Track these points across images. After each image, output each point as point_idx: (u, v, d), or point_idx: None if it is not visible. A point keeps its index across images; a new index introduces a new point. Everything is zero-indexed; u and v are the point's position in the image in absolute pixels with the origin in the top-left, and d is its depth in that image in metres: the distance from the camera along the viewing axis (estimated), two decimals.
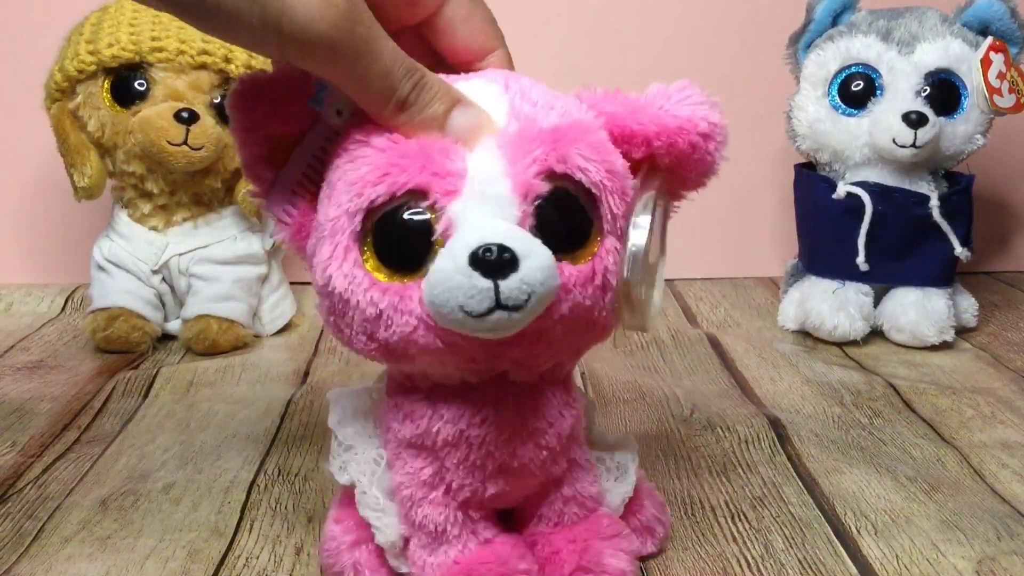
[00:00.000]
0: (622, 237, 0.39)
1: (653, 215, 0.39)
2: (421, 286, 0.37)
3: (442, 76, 0.40)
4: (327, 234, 0.39)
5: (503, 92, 0.40)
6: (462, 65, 0.44)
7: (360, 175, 0.38)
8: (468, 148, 0.38)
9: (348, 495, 0.46)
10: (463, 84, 0.40)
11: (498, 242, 0.35)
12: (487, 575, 0.42)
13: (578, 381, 0.74)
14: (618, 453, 0.48)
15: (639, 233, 0.39)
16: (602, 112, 0.41)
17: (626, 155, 0.41)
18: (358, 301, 0.38)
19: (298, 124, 0.40)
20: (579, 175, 0.38)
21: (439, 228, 0.37)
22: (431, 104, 0.38)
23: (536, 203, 0.37)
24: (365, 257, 0.38)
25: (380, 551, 0.45)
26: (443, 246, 0.37)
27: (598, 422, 0.50)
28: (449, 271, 0.36)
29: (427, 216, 0.37)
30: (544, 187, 0.37)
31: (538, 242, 0.37)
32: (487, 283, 0.35)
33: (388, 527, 0.44)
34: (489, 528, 0.44)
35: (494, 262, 0.35)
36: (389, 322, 0.38)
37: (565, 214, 0.38)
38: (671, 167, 0.41)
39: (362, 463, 0.44)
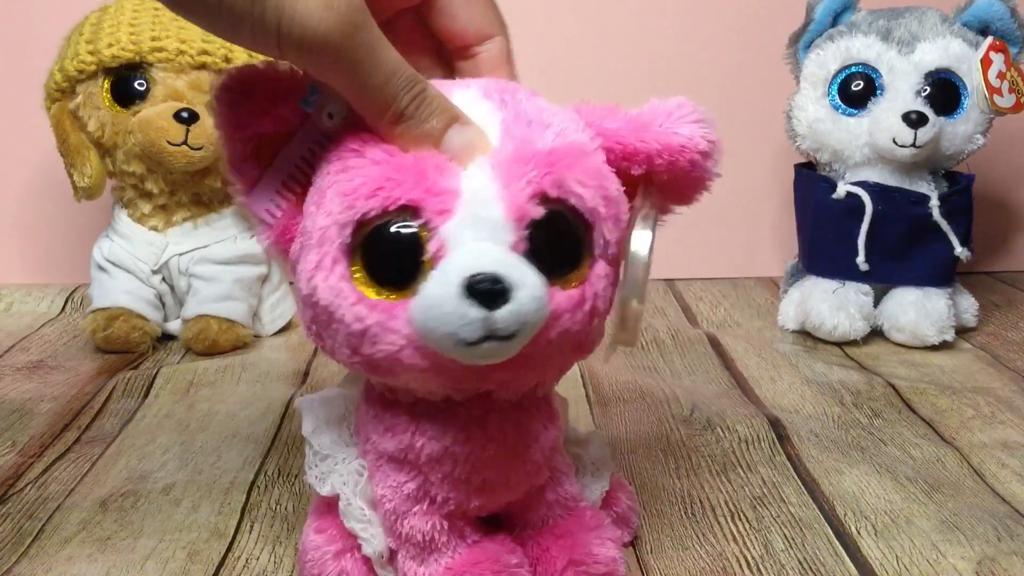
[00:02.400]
0: (614, 260, 0.39)
1: (653, 232, 0.39)
2: (409, 306, 0.36)
3: (437, 82, 0.40)
4: (314, 243, 0.38)
5: (496, 110, 0.39)
6: (460, 49, 0.44)
7: (353, 187, 0.37)
8: (461, 166, 0.38)
9: (325, 504, 0.45)
10: (456, 96, 0.40)
11: (492, 271, 0.35)
12: (482, 574, 0.42)
13: (578, 380, 0.74)
14: (592, 448, 0.49)
15: (641, 250, 0.39)
16: (602, 129, 0.40)
17: (625, 172, 0.40)
18: (343, 315, 0.37)
19: (287, 123, 0.40)
20: (574, 200, 0.38)
21: (431, 248, 0.36)
22: (429, 119, 0.38)
23: (529, 228, 0.37)
24: (354, 270, 0.37)
25: (366, 559, 0.45)
26: (434, 267, 0.36)
27: (569, 419, 0.50)
28: (442, 297, 0.35)
29: (418, 233, 0.37)
30: (538, 211, 0.37)
31: (531, 270, 0.36)
32: (480, 313, 0.35)
33: (375, 537, 0.44)
34: (475, 531, 0.44)
35: (487, 292, 0.35)
36: (375, 339, 0.37)
37: (558, 238, 0.38)
38: (667, 183, 0.41)
39: (344, 474, 0.44)
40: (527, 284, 0.35)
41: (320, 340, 0.40)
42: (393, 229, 0.37)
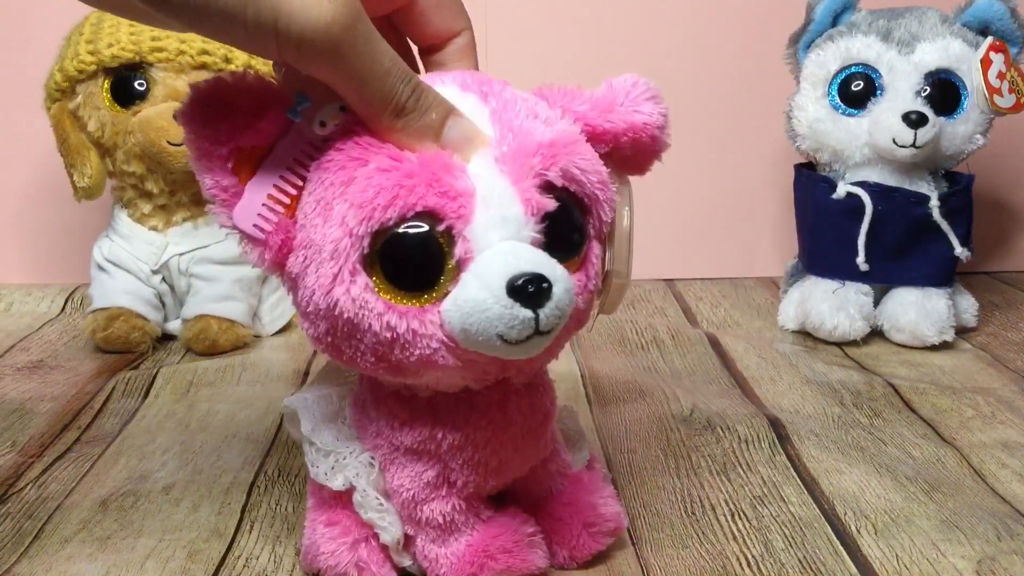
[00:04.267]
0: (603, 238, 0.42)
1: (630, 206, 0.42)
2: (440, 309, 0.37)
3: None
4: (327, 256, 0.37)
5: (481, 102, 0.40)
6: (430, 49, 0.44)
7: (368, 197, 0.36)
8: (464, 160, 0.38)
9: (331, 498, 0.46)
10: (440, 90, 0.39)
11: (534, 271, 0.36)
12: (503, 546, 0.44)
13: (578, 380, 0.74)
14: (567, 420, 0.51)
15: (624, 224, 0.42)
16: (572, 111, 0.42)
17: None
18: (370, 324, 0.38)
19: (269, 136, 0.39)
20: (574, 187, 0.39)
21: (457, 252, 0.37)
22: (428, 112, 0.38)
23: (544, 220, 0.38)
24: (374, 280, 0.37)
25: (382, 547, 0.45)
26: (462, 269, 0.37)
27: (569, 406, 0.53)
28: (486, 301, 0.36)
29: (439, 238, 0.37)
30: (551, 204, 0.38)
31: (555, 263, 0.38)
32: (528, 313, 0.36)
33: (392, 525, 0.44)
34: (488, 508, 0.46)
35: (534, 293, 0.36)
36: (407, 345, 0.38)
37: (564, 226, 0.39)
38: (628, 158, 0.43)
39: (355, 467, 0.44)
40: (560, 279, 0.37)
41: (337, 352, 0.40)
42: (413, 234, 0.37)
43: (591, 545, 0.48)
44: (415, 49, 0.46)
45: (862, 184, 0.83)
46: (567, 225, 0.39)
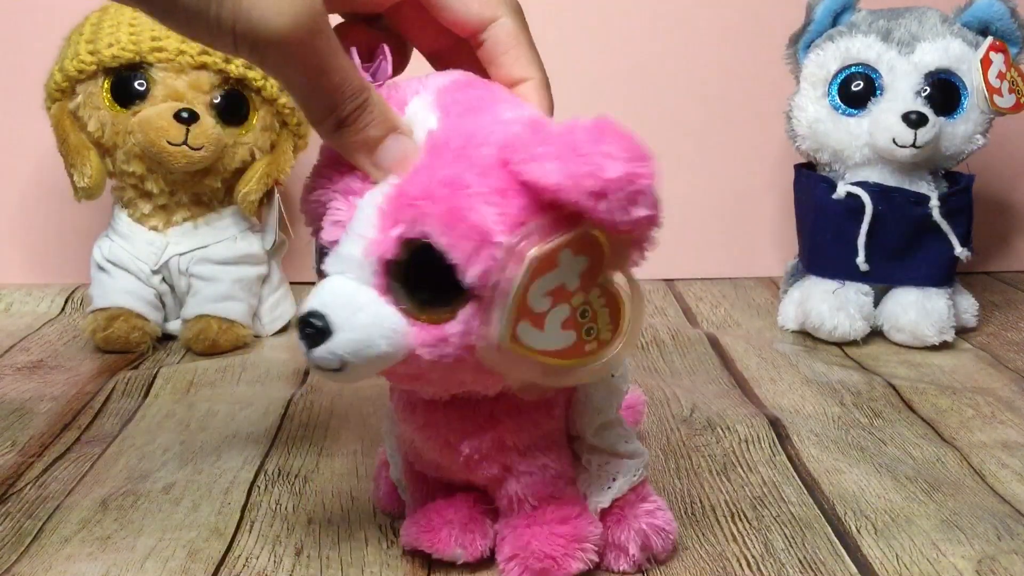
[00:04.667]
0: (490, 299, 0.37)
1: (535, 272, 0.37)
2: None
3: (412, 81, 0.42)
4: None
5: (436, 122, 0.40)
6: (467, 37, 0.43)
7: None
8: (375, 181, 0.40)
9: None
10: (414, 102, 0.41)
11: (316, 310, 0.38)
12: (427, 522, 0.47)
13: None
14: (613, 462, 0.47)
15: (504, 292, 0.37)
16: (508, 154, 0.37)
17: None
18: None
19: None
20: (429, 240, 0.37)
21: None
22: (367, 128, 0.39)
23: (389, 266, 0.39)
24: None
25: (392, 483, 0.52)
26: None
27: (624, 426, 0.48)
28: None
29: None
30: (391, 252, 0.38)
31: (372, 307, 0.39)
32: (304, 348, 0.39)
33: (395, 468, 0.51)
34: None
35: (303, 333, 0.39)
36: None
37: (421, 275, 0.38)
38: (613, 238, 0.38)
39: (389, 414, 0.50)
40: (348, 327, 0.38)
41: None
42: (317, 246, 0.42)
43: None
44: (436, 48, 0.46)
45: (862, 184, 0.83)
46: (428, 276, 0.38)
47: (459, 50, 0.44)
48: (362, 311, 0.39)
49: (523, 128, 0.38)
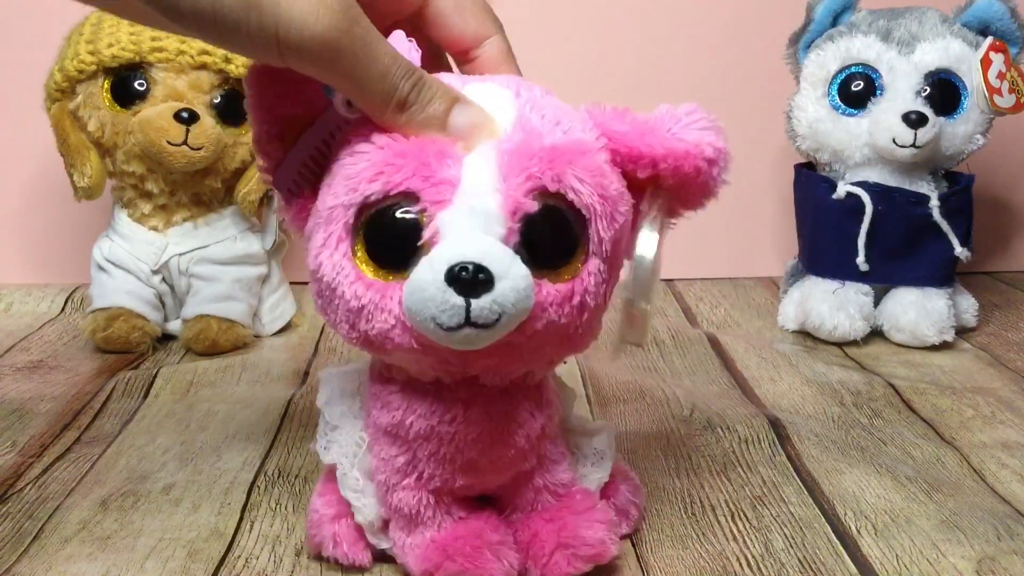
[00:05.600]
0: (610, 258, 0.40)
1: (661, 235, 0.40)
2: (403, 287, 0.38)
3: (452, 77, 0.41)
4: (323, 221, 0.40)
5: (514, 98, 0.40)
6: (459, 55, 0.44)
7: (357, 170, 0.39)
8: (467, 149, 0.39)
9: (332, 471, 0.47)
10: (476, 86, 0.41)
11: (475, 260, 0.36)
12: (462, 548, 0.44)
13: (578, 380, 0.74)
14: (596, 439, 0.50)
15: (646, 253, 0.40)
16: (610, 131, 0.41)
17: (631, 175, 0.41)
18: (343, 292, 0.40)
19: (311, 107, 0.41)
20: (571, 196, 0.39)
21: (427, 234, 0.38)
22: (431, 103, 0.39)
23: (523, 221, 0.38)
24: (356, 250, 0.39)
25: (359, 526, 0.47)
26: (428, 252, 0.38)
27: (576, 410, 0.51)
28: (426, 282, 0.37)
29: (417, 219, 0.38)
30: (533, 206, 0.38)
31: (518, 261, 0.37)
32: (460, 300, 0.37)
33: (367, 507, 0.46)
34: (463, 509, 0.46)
35: (468, 281, 0.36)
36: (370, 317, 0.39)
37: (552, 232, 0.39)
38: (674, 188, 0.41)
39: (344, 444, 0.46)
40: (510, 275, 0.37)
41: (325, 313, 0.42)
42: (393, 213, 0.39)
43: (564, 567, 0.45)
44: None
45: (862, 184, 0.83)
46: (557, 234, 0.39)
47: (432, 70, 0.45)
48: (515, 263, 0.37)
49: (608, 110, 0.41)
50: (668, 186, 0.41)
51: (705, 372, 0.77)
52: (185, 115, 0.78)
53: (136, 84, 0.79)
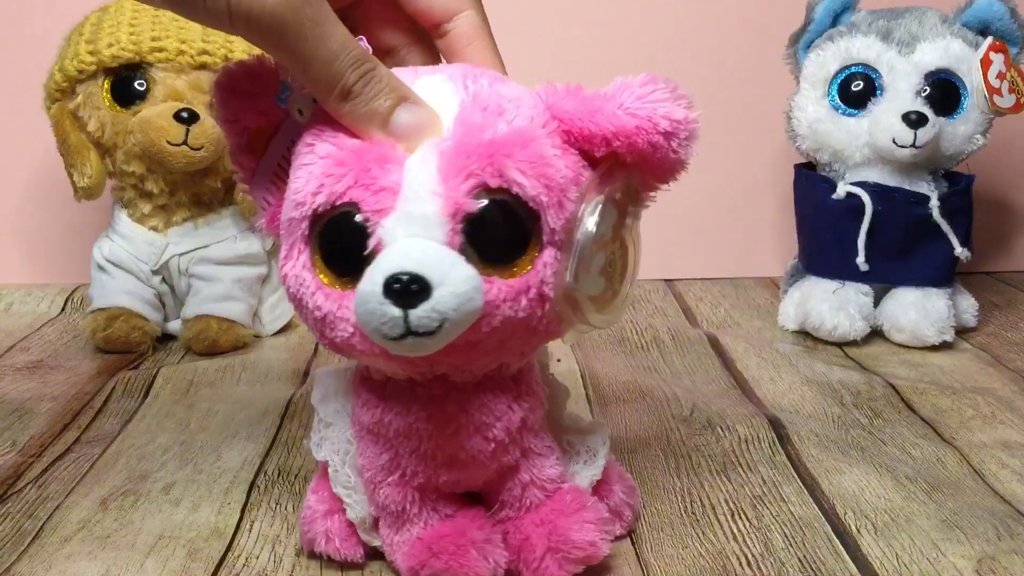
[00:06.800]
0: (562, 247, 0.39)
1: (601, 219, 0.39)
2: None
3: (402, 70, 0.40)
4: (285, 232, 0.41)
5: (455, 93, 0.40)
6: (433, 27, 0.44)
7: (302, 183, 0.39)
8: (409, 151, 0.38)
9: (322, 465, 0.48)
10: (421, 80, 0.40)
11: (410, 270, 0.36)
12: (447, 547, 0.44)
13: (578, 380, 0.74)
14: (589, 437, 0.49)
15: (583, 238, 0.39)
16: (559, 112, 0.40)
17: (587, 154, 0.40)
18: (307, 302, 0.40)
19: (268, 118, 0.42)
20: (516, 189, 0.38)
21: (371, 244, 0.38)
22: (376, 98, 0.38)
23: (465, 221, 0.38)
24: (315, 260, 0.40)
25: (351, 522, 0.47)
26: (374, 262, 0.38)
27: (570, 408, 0.51)
28: (367, 295, 0.37)
29: (364, 228, 0.38)
30: (474, 205, 0.38)
31: (460, 264, 0.37)
32: (397, 312, 0.36)
33: (358, 504, 0.46)
34: (450, 505, 0.46)
35: (403, 292, 0.36)
36: (332, 326, 0.40)
37: (498, 228, 0.38)
38: (637, 164, 0.40)
39: (336, 441, 0.46)
40: (448, 281, 0.36)
41: (301, 319, 0.42)
42: (342, 223, 0.38)
43: (555, 571, 0.44)
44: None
45: (862, 184, 0.83)
46: (506, 229, 0.38)
47: (413, 48, 0.45)
48: (455, 267, 0.37)
49: (560, 90, 0.40)
50: (630, 163, 0.40)
51: (705, 372, 0.77)
52: (185, 115, 0.78)
53: (136, 84, 0.80)
